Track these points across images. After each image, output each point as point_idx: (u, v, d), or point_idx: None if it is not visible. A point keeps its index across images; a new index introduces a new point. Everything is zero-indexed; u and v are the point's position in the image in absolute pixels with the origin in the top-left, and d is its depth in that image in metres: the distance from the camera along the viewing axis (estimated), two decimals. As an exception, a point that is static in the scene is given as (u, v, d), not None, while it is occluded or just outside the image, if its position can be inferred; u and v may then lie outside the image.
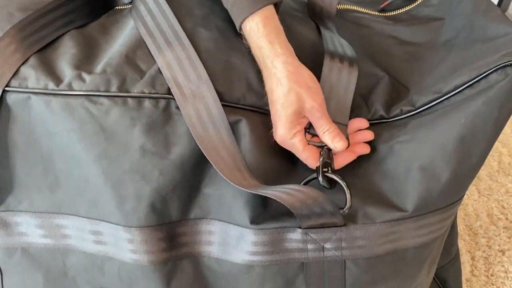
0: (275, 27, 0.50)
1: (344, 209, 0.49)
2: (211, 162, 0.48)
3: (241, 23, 0.51)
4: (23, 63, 0.50)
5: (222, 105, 0.50)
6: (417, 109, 0.51)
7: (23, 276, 0.56)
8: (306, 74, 0.50)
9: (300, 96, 0.49)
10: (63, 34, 0.53)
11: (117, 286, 0.54)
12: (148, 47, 0.51)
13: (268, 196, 0.46)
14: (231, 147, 0.49)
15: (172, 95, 0.49)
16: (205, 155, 0.48)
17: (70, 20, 0.54)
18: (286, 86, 0.49)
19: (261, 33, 0.50)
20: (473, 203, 0.97)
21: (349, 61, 0.54)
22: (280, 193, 0.47)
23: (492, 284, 0.83)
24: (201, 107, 0.49)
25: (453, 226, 0.66)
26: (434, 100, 0.51)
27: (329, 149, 0.51)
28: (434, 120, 0.50)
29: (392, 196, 0.50)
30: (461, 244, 0.88)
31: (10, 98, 0.49)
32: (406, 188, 0.50)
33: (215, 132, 0.49)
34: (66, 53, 0.51)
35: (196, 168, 0.50)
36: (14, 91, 0.49)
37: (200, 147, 0.48)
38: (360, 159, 0.52)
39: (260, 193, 0.47)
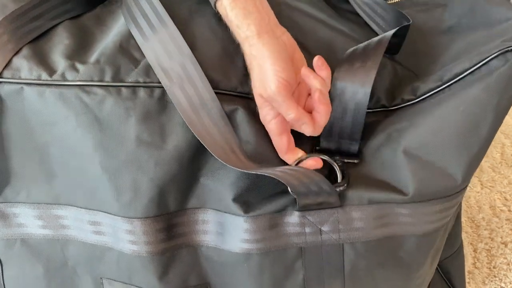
0: (243, 8, 0.48)
1: (338, 186, 0.49)
2: (205, 145, 0.47)
3: (215, 8, 0.50)
4: (15, 54, 0.49)
5: (219, 93, 0.49)
6: (417, 98, 0.51)
7: (23, 267, 0.56)
8: (272, 55, 0.48)
9: (262, 82, 0.48)
10: (57, 25, 0.53)
11: (116, 276, 0.54)
12: (134, 36, 0.50)
13: (266, 174, 0.46)
14: (224, 129, 0.48)
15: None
16: (199, 139, 0.47)
17: (65, 10, 0.54)
18: (253, 70, 0.49)
19: (229, 17, 0.49)
20: (475, 195, 0.96)
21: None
22: (277, 171, 0.46)
23: (495, 276, 0.82)
24: (191, 90, 0.48)
25: (458, 217, 0.66)
26: (435, 88, 0.50)
27: None
28: (433, 107, 0.49)
29: (392, 182, 0.50)
30: (463, 236, 0.88)
31: (3, 90, 0.48)
32: (404, 175, 0.49)
33: (207, 115, 0.48)
34: (60, 43, 0.51)
35: (193, 158, 0.49)
36: (7, 82, 0.48)
37: (193, 132, 0.47)
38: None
39: (257, 172, 0.46)
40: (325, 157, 0.50)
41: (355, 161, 0.51)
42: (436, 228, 0.52)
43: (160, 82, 0.48)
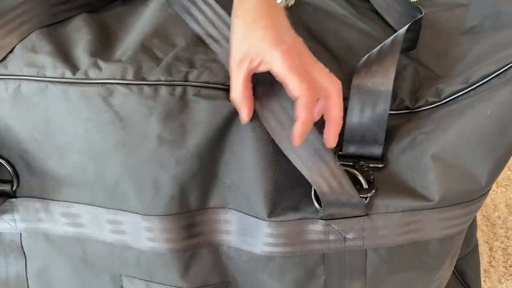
0: None
1: (364, 193, 0.48)
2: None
3: None
4: (38, 51, 0.49)
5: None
6: (442, 100, 0.50)
7: (45, 262, 0.57)
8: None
9: None
10: (73, 18, 0.53)
11: (136, 274, 0.55)
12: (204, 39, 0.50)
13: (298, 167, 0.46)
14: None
15: (189, 81, 0.48)
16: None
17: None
18: None
19: None
20: (491, 193, 0.96)
21: None
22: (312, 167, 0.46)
23: (511, 275, 0.82)
24: None
25: (474, 217, 0.65)
26: (460, 91, 0.49)
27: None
28: (459, 111, 0.49)
29: (416, 186, 0.49)
30: (479, 234, 0.87)
31: (29, 87, 0.48)
32: (430, 179, 0.49)
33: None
34: (81, 39, 0.51)
35: (213, 157, 0.50)
36: (33, 79, 0.48)
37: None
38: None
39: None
40: (348, 168, 0.49)
41: (380, 165, 0.50)
42: (458, 231, 0.52)
43: (181, 80, 0.48)
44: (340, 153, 0.51)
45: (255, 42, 0.43)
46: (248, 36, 0.44)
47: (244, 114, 0.46)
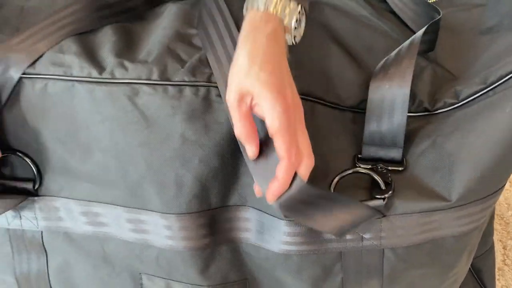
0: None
1: (382, 195, 0.49)
2: None
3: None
4: (65, 51, 0.50)
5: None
6: (460, 102, 0.50)
7: (66, 259, 0.58)
8: None
9: None
10: None
11: (155, 272, 0.56)
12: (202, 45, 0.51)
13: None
14: None
15: (212, 82, 0.49)
16: None
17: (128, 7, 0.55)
18: None
19: None
20: (504, 192, 0.96)
21: None
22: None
23: (524, 274, 0.82)
24: None
25: (491, 216, 0.66)
26: (479, 92, 0.50)
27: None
28: (478, 111, 0.49)
29: (435, 188, 0.50)
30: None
31: (56, 86, 0.50)
32: (449, 180, 0.49)
33: None
34: (107, 40, 0.52)
35: (235, 156, 0.50)
36: (59, 79, 0.49)
37: None
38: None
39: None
40: (366, 171, 0.50)
41: (400, 168, 0.50)
42: (474, 227, 0.53)
43: (205, 81, 0.49)
44: (359, 156, 0.51)
45: (259, 84, 0.42)
46: (253, 75, 0.42)
47: (250, 151, 0.45)
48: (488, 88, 0.50)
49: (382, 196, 0.49)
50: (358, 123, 0.51)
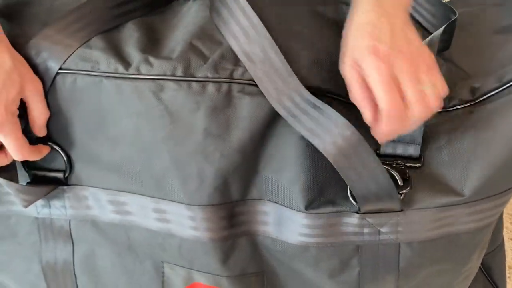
0: None
1: (400, 190, 0.50)
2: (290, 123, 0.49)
3: None
4: (93, 47, 0.52)
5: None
6: (476, 99, 0.52)
7: (91, 247, 0.60)
8: None
9: None
10: None
11: (177, 261, 0.57)
12: (215, 23, 0.52)
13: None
14: None
15: (234, 79, 0.51)
16: (284, 117, 0.49)
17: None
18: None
19: None
20: (515, 192, 0.96)
21: None
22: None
23: (535, 272, 0.83)
24: (271, 71, 0.49)
25: (501, 213, 0.67)
26: (494, 90, 0.51)
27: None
28: (494, 109, 0.50)
29: (450, 182, 0.51)
30: (503, 232, 0.88)
31: (84, 81, 0.51)
32: (465, 175, 0.51)
33: (289, 97, 0.49)
34: (131, 36, 0.53)
35: (255, 151, 0.52)
36: (87, 74, 0.51)
37: (281, 115, 0.49)
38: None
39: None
40: (385, 167, 0.50)
41: (417, 165, 0.52)
42: (488, 224, 0.54)
43: (227, 78, 0.51)
44: (378, 152, 0.52)
45: (356, 49, 0.46)
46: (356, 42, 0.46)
47: (367, 115, 0.46)
48: (504, 87, 0.51)
49: (400, 192, 0.50)
50: None
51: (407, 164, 0.52)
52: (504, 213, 0.93)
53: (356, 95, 0.46)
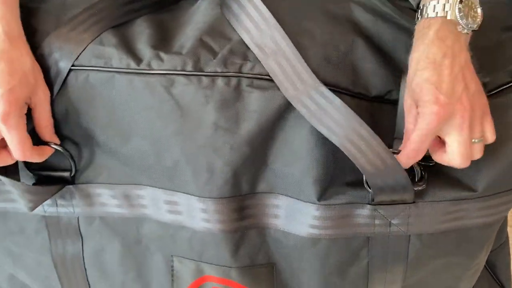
0: None
1: (416, 186, 0.51)
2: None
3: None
4: (105, 43, 0.53)
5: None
6: (487, 93, 0.51)
7: (101, 243, 0.60)
8: None
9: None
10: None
11: (187, 254, 0.58)
12: (226, 17, 0.53)
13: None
14: None
15: (243, 73, 0.52)
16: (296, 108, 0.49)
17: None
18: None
19: None
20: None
21: None
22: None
23: (541, 269, 0.83)
24: (284, 62, 0.50)
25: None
26: (505, 84, 0.51)
27: None
28: (506, 103, 0.51)
29: (462, 177, 0.52)
30: (508, 230, 0.89)
31: (97, 77, 0.52)
32: (476, 170, 0.51)
33: (303, 85, 0.50)
34: (142, 32, 0.54)
35: (264, 144, 0.53)
36: (100, 70, 0.52)
37: (294, 105, 0.50)
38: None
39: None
40: None
41: (431, 163, 0.52)
42: (498, 219, 0.55)
43: (236, 72, 0.52)
44: (393, 152, 0.52)
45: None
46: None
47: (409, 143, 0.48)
48: (515, 81, 0.51)
49: (415, 188, 0.51)
50: (385, 113, 0.53)
51: (422, 163, 0.52)
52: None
53: (408, 129, 0.49)
